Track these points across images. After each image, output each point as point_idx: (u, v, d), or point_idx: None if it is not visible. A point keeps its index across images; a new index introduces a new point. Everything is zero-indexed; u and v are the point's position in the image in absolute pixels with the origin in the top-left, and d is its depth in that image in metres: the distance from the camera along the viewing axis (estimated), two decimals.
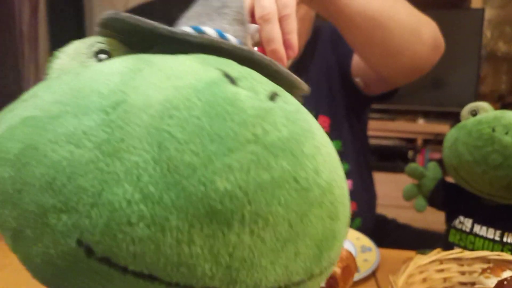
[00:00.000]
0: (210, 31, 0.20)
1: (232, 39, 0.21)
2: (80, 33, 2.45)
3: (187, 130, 0.14)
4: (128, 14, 0.19)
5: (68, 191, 0.14)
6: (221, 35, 0.20)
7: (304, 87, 0.22)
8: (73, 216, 0.14)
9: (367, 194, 0.95)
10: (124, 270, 0.14)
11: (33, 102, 0.17)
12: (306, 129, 0.16)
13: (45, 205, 0.14)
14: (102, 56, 0.19)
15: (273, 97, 0.16)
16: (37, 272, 0.17)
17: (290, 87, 0.21)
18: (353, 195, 0.90)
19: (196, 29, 0.21)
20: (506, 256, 0.45)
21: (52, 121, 0.15)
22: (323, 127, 0.89)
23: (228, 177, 0.14)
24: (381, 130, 2.07)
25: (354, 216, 0.89)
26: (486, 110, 0.52)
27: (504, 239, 0.49)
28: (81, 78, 0.16)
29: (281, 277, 0.16)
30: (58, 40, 2.45)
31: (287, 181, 0.15)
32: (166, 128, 0.14)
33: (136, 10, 2.14)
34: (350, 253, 0.45)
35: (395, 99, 0.85)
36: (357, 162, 0.93)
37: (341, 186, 0.18)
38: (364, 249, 0.63)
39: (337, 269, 0.41)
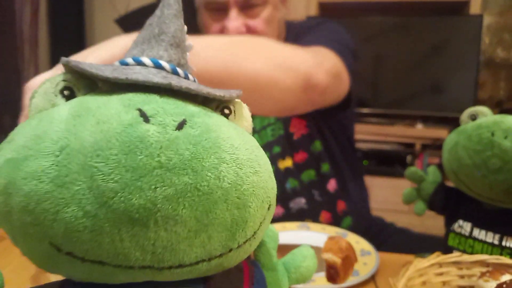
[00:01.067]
0: (146, 61, 0.26)
1: (165, 65, 0.26)
2: (80, 35, 2.45)
3: (109, 164, 0.20)
4: (76, 62, 0.24)
5: (37, 212, 0.20)
6: (156, 63, 0.26)
7: (230, 95, 0.26)
8: (43, 228, 0.21)
9: (355, 193, 0.95)
10: (83, 259, 0.21)
11: (12, 145, 0.23)
12: (208, 147, 0.22)
13: (25, 221, 0.21)
14: (66, 92, 0.25)
15: (180, 126, 0.22)
16: (33, 261, 0.23)
17: (219, 100, 0.27)
18: (339, 194, 0.91)
19: (135, 59, 0.26)
20: (505, 259, 0.45)
21: (22, 162, 0.21)
22: (300, 128, 0.88)
23: (141, 195, 0.20)
24: (379, 134, 2.07)
25: (344, 215, 0.90)
26: (485, 114, 0.52)
27: (503, 243, 0.49)
28: (41, 125, 0.22)
29: (201, 254, 0.22)
30: (59, 42, 2.45)
31: (189, 190, 0.21)
32: (94, 164, 0.20)
33: (137, 13, 2.14)
34: (350, 244, 0.46)
35: (394, 104, 0.84)
36: (339, 162, 0.93)
37: (252, 181, 0.23)
38: (363, 253, 0.63)
39: (337, 260, 0.42)
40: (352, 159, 0.97)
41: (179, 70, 0.27)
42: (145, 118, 0.21)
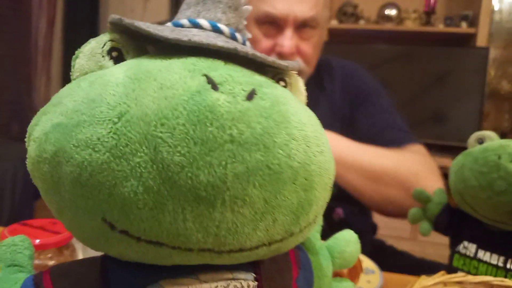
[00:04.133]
0: (204, 23, 0.23)
1: (224, 29, 0.24)
2: None
3: (175, 135, 0.18)
4: (130, 20, 0.22)
5: (91, 184, 0.18)
6: (214, 26, 0.24)
7: (293, 67, 0.24)
8: (96, 202, 0.19)
9: (360, 221, 0.95)
10: (139, 239, 0.19)
11: (59, 109, 0.20)
12: (279, 121, 0.20)
13: (76, 193, 0.19)
14: (114, 54, 0.23)
15: (250, 96, 0.20)
16: (78, 237, 0.21)
17: (281, 71, 0.25)
18: (343, 223, 0.91)
19: (191, 21, 0.24)
20: (509, 282, 0.46)
21: (74, 128, 0.19)
22: None
23: (209, 171, 0.18)
24: None
25: None
26: (492, 138, 0.53)
27: (508, 266, 0.50)
28: (94, 88, 0.20)
29: (263, 238, 0.20)
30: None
31: (260, 169, 0.19)
32: (159, 134, 0.18)
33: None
34: None
35: None
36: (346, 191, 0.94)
37: (318, 161, 0.21)
38: (367, 271, 0.63)
39: (344, 269, 0.42)
40: None
41: (238, 35, 0.25)
42: (213, 85, 0.19)
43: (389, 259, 0.93)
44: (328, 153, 0.23)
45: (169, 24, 0.24)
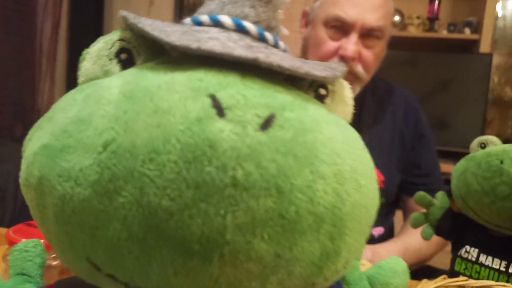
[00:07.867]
0: (226, 21, 0.20)
1: (251, 28, 0.20)
2: None
3: (164, 175, 0.15)
4: (136, 20, 0.20)
5: (73, 222, 0.17)
6: (238, 25, 0.20)
7: (334, 76, 0.20)
8: (80, 242, 0.17)
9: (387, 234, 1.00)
10: (127, 284, 0.17)
11: (50, 126, 0.19)
12: (302, 157, 0.16)
13: (59, 229, 0.17)
14: (123, 56, 0.21)
15: (266, 124, 0.16)
16: (72, 271, 0.20)
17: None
18: (381, 240, 0.92)
19: (212, 18, 0.21)
20: (511, 287, 0.45)
21: (59, 153, 0.17)
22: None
23: (204, 221, 0.15)
24: None
25: None
26: (495, 143, 0.53)
27: (510, 270, 0.50)
28: (87, 104, 0.18)
29: None
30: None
31: (270, 218, 0.16)
32: (146, 172, 0.15)
33: None
34: None
35: None
36: (390, 213, 1.01)
37: (353, 200, 0.18)
38: None
39: None
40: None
41: (268, 36, 0.21)
42: (219, 110, 0.16)
43: None
44: (370, 184, 0.19)
45: (188, 20, 0.22)
